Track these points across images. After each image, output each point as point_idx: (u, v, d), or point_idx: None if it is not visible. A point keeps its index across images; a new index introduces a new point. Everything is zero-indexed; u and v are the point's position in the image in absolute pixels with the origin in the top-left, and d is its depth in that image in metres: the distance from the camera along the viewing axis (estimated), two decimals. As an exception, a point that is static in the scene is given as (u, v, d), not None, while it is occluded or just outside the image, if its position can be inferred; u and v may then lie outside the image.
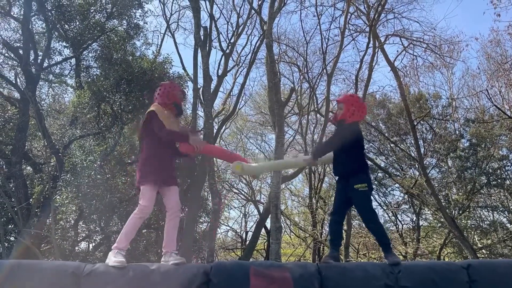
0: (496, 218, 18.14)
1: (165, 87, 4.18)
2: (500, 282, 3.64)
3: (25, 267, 3.35)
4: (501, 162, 17.82)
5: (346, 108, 4.11)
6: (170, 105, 4.06)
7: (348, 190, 3.98)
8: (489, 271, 3.71)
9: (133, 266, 3.42)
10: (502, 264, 3.93)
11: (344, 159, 4.05)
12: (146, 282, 3.25)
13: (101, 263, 3.49)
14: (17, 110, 13.31)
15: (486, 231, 17.58)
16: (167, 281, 3.27)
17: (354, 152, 4.06)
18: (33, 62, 13.42)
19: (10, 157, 12.69)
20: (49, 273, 3.28)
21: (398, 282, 3.51)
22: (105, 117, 14.02)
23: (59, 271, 3.31)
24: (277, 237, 9.54)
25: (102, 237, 14.46)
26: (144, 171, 3.81)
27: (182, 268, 3.45)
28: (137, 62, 13.81)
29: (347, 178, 3.99)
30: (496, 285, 3.64)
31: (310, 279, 3.40)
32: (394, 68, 14.35)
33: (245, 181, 23.32)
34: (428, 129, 19.20)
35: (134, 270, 3.35)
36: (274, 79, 11.17)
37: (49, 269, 3.34)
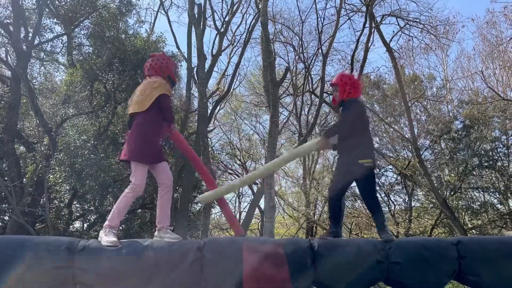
0: (487, 199, 18.35)
1: (159, 58, 4.09)
2: (489, 258, 3.72)
3: (18, 242, 3.35)
4: (493, 144, 17.92)
5: (342, 88, 4.10)
6: (165, 78, 4.00)
7: (352, 167, 3.94)
8: (478, 248, 3.78)
9: (127, 243, 3.43)
10: (491, 241, 4.00)
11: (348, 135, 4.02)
12: (139, 258, 3.26)
13: (95, 239, 3.50)
14: (8, 88, 13.19)
15: (476, 211, 17.79)
16: (160, 257, 3.29)
17: (358, 128, 4.04)
18: (24, 39, 13.23)
19: (2, 135, 12.62)
20: (43, 248, 3.28)
21: (389, 258, 3.57)
22: (98, 96, 13.91)
23: (52, 246, 3.31)
24: (271, 216, 9.65)
25: (97, 216, 14.52)
26: (139, 148, 3.74)
27: (175, 244, 3.46)
28: (130, 40, 13.65)
29: (354, 156, 3.94)
30: (485, 261, 3.71)
31: (302, 255, 3.44)
32: (390, 49, 14.29)
33: (239, 162, 23.39)
34: (422, 110, 19.25)
35: (128, 246, 3.35)
36: (269, 58, 11.10)
37: (43, 244, 3.33)
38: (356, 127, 4.01)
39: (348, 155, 3.99)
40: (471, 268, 3.70)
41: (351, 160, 3.95)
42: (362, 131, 4.07)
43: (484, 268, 3.71)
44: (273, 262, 3.29)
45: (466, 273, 3.73)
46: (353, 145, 3.97)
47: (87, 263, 3.24)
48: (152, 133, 3.81)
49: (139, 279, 3.22)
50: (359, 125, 4.06)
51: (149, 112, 3.82)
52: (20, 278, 3.19)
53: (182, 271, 3.27)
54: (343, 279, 3.53)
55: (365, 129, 4.14)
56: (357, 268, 3.51)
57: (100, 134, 13.56)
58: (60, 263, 3.23)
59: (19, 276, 3.18)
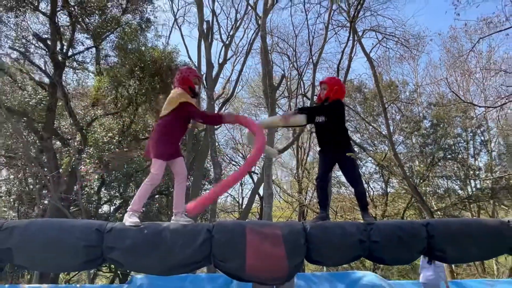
0: (450, 186, 18.46)
1: (181, 72, 4.02)
2: (453, 237, 3.73)
3: (58, 224, 3.37)
4: (456, 139, 18.03)
5: (330, 87, 4.02)
6: (186, 89, 3.91)
7: (335, 158, 3.91)
8: (444, 228, 3.78)
9: (148, 224, 3.42)
10: (454, 222, 4.02)
11: (333, 132, 3.96)
12: (158, 237, 3.26)
13: (120, 222, 3.50)
14: (47, 93, 13.18)
15: (441, 196, 17.89)
16: (176, 237, 3.29)
17: (341, 126, 4.00)
18: (59, 51, 13.20)
19: (42, 133, 12.62)
20: (77, 229, 3.29)
21: (370, 237, 3.57)
22: (122, 99, 13.90)
23: (85, 227, 3.32)
24: (269, 201, 9.66)
25: (121, 201, 14.58)
26: (159, 147, 3.73)
27: (189, 226, 3.47)
28: (149, 52, 13.62)
29: (336, 149, 3.90)
30: (449, 239, 3.72)
31: (296, 235, 3.44)
32: (370, 58, 14.25)
33: (242, 155, 23.38)
34: (397, 111, 19.22)
35: (148, 227, 3.35)
36: (268, 67, 11.09)
37: (77, 226, 3.34)
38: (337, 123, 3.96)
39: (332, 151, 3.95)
40: (438, 245, 3.71)
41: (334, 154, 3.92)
42: (343, 129, 4.04)
43: (449, 245, 3.72)
44: (271, 241, 3.29)
45: (434, 250, 3.74)
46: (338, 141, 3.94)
47: (114, 242, 3.24)
48: (169, 134, 3.78)
49: (158, 255, 3.22)
50: (341, 123, 4.01)
51: (168, 117, 3.79)
52: (59, 254, 3.20)
53: (194, 249, 3.27)
54: (331, 256, 3.54)
55: (345, 127, 4.10)
56: (343, 246, 3.52)
57: (124, 131, 13.56)
58: (91, 243, 3.23)
59: (58, 253, 3.20)
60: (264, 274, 3.28)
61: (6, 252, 3.20)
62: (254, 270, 3.23)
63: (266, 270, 3.27)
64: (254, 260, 3.22)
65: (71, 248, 3.18)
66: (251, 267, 3.22)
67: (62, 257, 3.19)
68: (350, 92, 19.12)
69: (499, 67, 14.99)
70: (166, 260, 3.23)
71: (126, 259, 3.25)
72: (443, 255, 3.78)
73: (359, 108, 19.33)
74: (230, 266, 3.27)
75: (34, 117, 12.97)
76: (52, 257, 3.19)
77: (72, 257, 3.20)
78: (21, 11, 12.98)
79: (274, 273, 3.29)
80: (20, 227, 3.24)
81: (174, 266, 3.26)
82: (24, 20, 13.45)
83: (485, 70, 17.70)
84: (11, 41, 13.37)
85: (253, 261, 3.22)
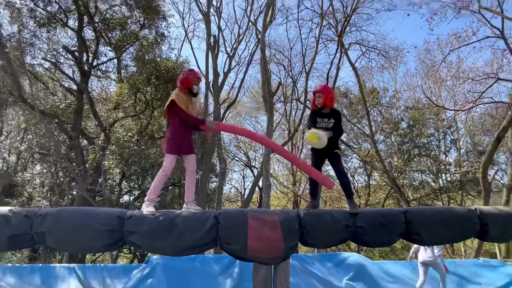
0: (424, 179, 18.50)
1: (183, 73, 3.92)
2: (426, 223, 3.74)
3: (84, 212, 3.36)
4: (429, 138, 18.07)
5: (326, 95, 3.86)
6: (184, 89, 3.83)
7: (326, 155, 3.84)
8: (419, 215, 3.78)
9: (162, 212, 3.42)
10: (428, 210, 4.01)
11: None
12: (171, 223, 3.26)
13: (139, 210, 3.49)
14: (75, 98, 13.14)
15: (416, 188, 17.93)
16: (187, 223, 3.28)
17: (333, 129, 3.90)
18: (86, 62, 13.16)
19: (70, 133, 12.60)
20: (102, 216, 3.29)
21: (355, 223, 3.57)
22: (140, 104, 13.86)
23: (108, 214, 3.32)
24: (267, 192, 9.64)
25: (140, 192, 14.54)
26: (169, 144, 3.70)
27: (198, 213, 3.46)
28: (163, 62, 13.57)
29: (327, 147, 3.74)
30: (424, 225, 3.72)
31: (292, 221, 3.43)
32: (355, 68, 14.22)
33: (243, 152, 23.35)
34: (378, 113, 19.24)
35: (163, 214, 3.35)
36: (266, 75, 11.04)
37: (101, 213, 3.34)
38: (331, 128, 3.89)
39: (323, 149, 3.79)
40: (415, 230, 3.71)
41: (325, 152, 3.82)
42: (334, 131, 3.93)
43: (424, 229, 3.72)
44: (270, 226, 3.29)
45: (411, 234, 3.74)
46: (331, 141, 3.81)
47: (133, 227, 3.24)
48: (178, 132, 3.73)
49: (171, 239, 3.22)
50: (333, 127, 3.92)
51: (170, 118, 3.80)
52: (85, 238, 3.19)
53: (203, 233, 3.26)
54: (322, 239, 3.53)
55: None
56: (332, 231, 3.52)
57: (142, 131, 13.53)
58: (113, 228, 3.23)
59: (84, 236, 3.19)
60: (263, 255, 3.28)
61: (39, 236, 3.20)
62: (254, 251, 3.23)
63: (265, 251, 3.26)
64: (254, 243, 3.22)
65: (95, 232, 3.18)
66: (252, 249, 3.22)
67: (87, 240, 3.19)
68: (338, 97, 19.10)
69: (467, 76, 14.95)
70: (178, 243, 3.23)
71: (143, 242, 3.25)
72: (419, 238, 3.77)
73: (345, 111, 19.30)
74: (233, 248, 3.27)
75: (64, 119, 12.93)
76: (79, 240, 3.19)
77: (96, 240, 3.20)
78: (52, 27, 12.94)
79: (272, 253, 3.29)
80: (51, 214, 3.24)
81: (185, 248, 3.26)
82: (55, 35, 13.40)
83: (455, 78, 17.67)
84: (43, 53, 13.33)
85: (254, 244, 3.22)
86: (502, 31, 11.27)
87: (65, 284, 5.50)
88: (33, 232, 3.19)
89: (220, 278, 5.77)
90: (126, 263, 15.29)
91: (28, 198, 15.75)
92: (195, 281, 5.66)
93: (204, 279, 5.73)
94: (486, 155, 10.55)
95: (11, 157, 17.53)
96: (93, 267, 5.93)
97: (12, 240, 3.18)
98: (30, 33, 12.71)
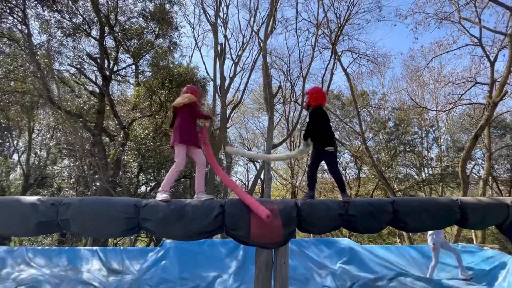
0: (408, 172, 18.38)
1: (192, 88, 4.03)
2: (412, 212, 3.67)
3: (104, 201, 3.32)
4: (413, 136, 17.93)
5: (310, 96, 3.88)
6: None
7: (321, 151, 3.76)
8: (406, 205, 3.71)
9: (174, 201, 3.38)
10: (413, 200, 3.93)
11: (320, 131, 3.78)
12: (182, 211, 3.22)
13: (153, 199, 3.45)
14: (97, 100, 13.13)
15: (401, 180, 17.81)
16: (196, 211, 3.24)
17: (325, 126, 3.81)
18: (107, 68, 13.13)
19: (93, 130, 12.60)
20: (119, 204, 3.24)
21: (347, 212, 3.51)
22: (155, 105, 13.84)
23: (125, 203, 3.28)
24: (268, 184, 9.60)
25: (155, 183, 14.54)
26: (179, 133, 3.66)
27: (206, 202, 3.40)
28: (176, 68, 13.53)
29: (322, 144, 3.73)
30: (410, 213, 3.65)
31: (290, 210, 3.38)
32: (347, 73, 14.09)
33: (247, 148, 23.26)
34: (367, 114, 19.09)
35: (175, 203, 3.31)
36: (268, 79, 10.95)
37: (119, 202, 3.30)
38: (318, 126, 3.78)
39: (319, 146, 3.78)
40: (401, 218, 3.64)
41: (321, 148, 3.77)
42: (325, 128, 3.80)
43: (409, 218, 3.65)
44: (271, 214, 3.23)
45: (397, 221, 3.67)
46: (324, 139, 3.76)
47: (147, 215, 3.20)
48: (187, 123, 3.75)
49: (182, 225, 3.18)
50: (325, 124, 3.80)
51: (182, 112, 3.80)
52: (104, 224, 3.16)
53: (210, 220, 3.22)
54: (317, 226, 3.47)
55: (328, 126, 3.85)
56: (326, 218, 3.46)
57: (157, 130, 13.51)
58: (130, 215, 3.18)
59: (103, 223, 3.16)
60: (264, 240, 3.23)
61: (64, 222, 3.17)
62: (256, 237, 3.18)
63: (266, 237, 3.21)
64: (256, 229, 3.17)
65: (114, 219, 3.14)
66: (254, 234, 3.17)
67: (107, 226, 3.15)
68: (331, 100, 18.96)
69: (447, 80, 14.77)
70: (188, 229, 3.19)
71: (157, 228, 3.21)
72: (405, 225, 3.70)
73: (338, 112, 19.18)
74: (238, 234, 3.22)
75: (88, 119, 12.94)
76: (99, 226, 3.15)
77: (115, 226, 3.16)
78: (77, 36, 12.91)
79: (272, 239, 3.24)
80: (75, 203, 3.20)
81: (194, 233, 3.21)
82: (80, 44, 13.39)
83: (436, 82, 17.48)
84: (70, 60, 13.33)
85: (256, 230, 3.17)
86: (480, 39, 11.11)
87: (89, 265, 5.49)
88: (58, 219, 3.16)
89: (227, 260, 5.74)
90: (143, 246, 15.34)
91: (57, 188, 15.84)
92: (204, 262, 5.64)
93: (212, 261, 5.71)
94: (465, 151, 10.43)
95: (42, 153, 17.60)
96: (113, 250, 5.91)
97: (40, 226, 3.15)
98: (57, 42, 12.71)
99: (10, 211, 3.16)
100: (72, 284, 4.74)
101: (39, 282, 4.72)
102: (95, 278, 5.07)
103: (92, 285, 4.75)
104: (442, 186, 17.30)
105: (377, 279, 5.15)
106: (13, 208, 3.17)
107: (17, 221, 3.14)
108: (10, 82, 11.36)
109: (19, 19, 11.63)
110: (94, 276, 5.15)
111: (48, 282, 4.78)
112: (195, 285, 5.05)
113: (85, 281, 4.92)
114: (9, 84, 11.43)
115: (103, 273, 5.27)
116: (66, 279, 4.91)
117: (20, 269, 5.19)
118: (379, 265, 5.71)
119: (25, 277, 4.90)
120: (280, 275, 3.29)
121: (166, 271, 5.40)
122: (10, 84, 11.43)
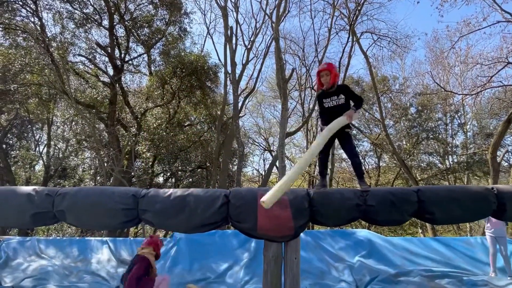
0: (431, 160, 17.64)
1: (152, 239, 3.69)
2: (440, 202, 3.27)
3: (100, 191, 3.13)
4: (437, 123, 17.10)
5: (333, 73, 3.43)
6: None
7: (337, 134, 3.36)
8: (432, 194, 3.30)
9: (174, 190, 3.15)
10: (441, 189, 3.51)
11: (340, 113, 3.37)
12: (183, 202, 3.00)
13: (153, 188, 3.24)
14: (110, 90, 13.14)
15: (424, 169, 17.13)
16: (198, 202, 3.00)
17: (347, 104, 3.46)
18: (118, 58, 13.07)
19: (107, 121, 12.65)
20: (118, 194, 3.07)
21: (366, 202, 3.16)
22: (167, 94, 13.71)
23: (124, 193, 3.10)
24: (282, 173, 9.30)
25: (170, 173, 14.57)
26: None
27: (209, 191, 3.15)
28: (187, 56, 13.30)
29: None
30: (437, 204, 3.26)
31: (301, 200, 3.08)
32: (367, 56, 13.37)
33: (263, 137, 22.99)
34: (388, 100, 18.30)
35: (175, 193, 3.09)
36: (280, 63, 10.51)
37: (119, 192, 3.12)
38: (343, 104, 3.44)
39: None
40: (428, 208, 3.25)
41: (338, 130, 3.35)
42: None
43: (437, 208, 3.25)
44: (280, 205, 2.95)
45: (424, 213, 3.29)
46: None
47: (146, 205, 3.01)
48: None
49: (183, 216, 2.95)
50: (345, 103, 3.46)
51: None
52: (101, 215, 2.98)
53: (214, 211, 2.98)
54: (331, 217, 3.15)
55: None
56: (342, 209, 3.12)
57: (170, 119, 13.42)
58: (129, 206, 3.00)
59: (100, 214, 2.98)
60: (273, 233, 2.96)
61: (60, 213, 3.02)
62: (264, 229, 2.92)
63: (274, 229, 2.94)
64: (264, 221, 2.90)
65: (111, 210, 2.96)
66: (262, 227, 2.91)
67: (103, 218, 2.98)
68: (350, 85, 18.22)
69: (475, 61, 13.73)
70: (190, 221, 2.96)
71: (156, 220, 3.01)
72: (432, 217, 3.31)
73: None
74: (244, 226, 2.97)
75: (101, 109, 13.00)
76: (96, 218, 2.98)
77: (112, 217, 2.98)
78: (88, 27, 12.88)
79: (281, 231, 2.96)
80: (71, 193, 3.04)
81: (197, 226, 2.99)
82: (90, 34, 13.36)
83: (463, 64, 16.38)
84: (83, 51, 13.37)
85: (264, 222, 2.90)
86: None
87: (99, 255, 5.44)
88: (54, 210, 3.01)
89: (238, 252, 5.54)
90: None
91: (79, 179, 16.18)
92: (215, 253, 5.46)
93: (223, 252, 5.52)
94: (495, 136, 9.70)
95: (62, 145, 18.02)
96: (123, 240, 5.84)
97: (35, 217, 3.02)
98: (70, 33, 12.72)
99: (6, 202, 3.04)
100: (80, 275, 4.68)
101: (48, 273, 4.69)
102: (103, 268, 4.99)
103: (100, 276, 4.67)
104: (468, 175, 16.41)
105: (399, 274, 4.79)
106: (9, 199, 3.05)
107: (13, 212, 3.03)
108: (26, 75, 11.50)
109: (31, 11, 11.68)
110: (103, 266, 5.08)
111: (57, 273, 4.74)
112: (205, 277, 4.88)
113: (94, 271, 4.85)
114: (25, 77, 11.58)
115: (112, 263, 5.20)
116: (75, 270, 4.86)
117: (30, 259, 5.20)
118: (400, 258, 5.34)
119: (34, 268, 4.89)
120: (291, 271, 3.02)
121: (176, 262, 5.26)
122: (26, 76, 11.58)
